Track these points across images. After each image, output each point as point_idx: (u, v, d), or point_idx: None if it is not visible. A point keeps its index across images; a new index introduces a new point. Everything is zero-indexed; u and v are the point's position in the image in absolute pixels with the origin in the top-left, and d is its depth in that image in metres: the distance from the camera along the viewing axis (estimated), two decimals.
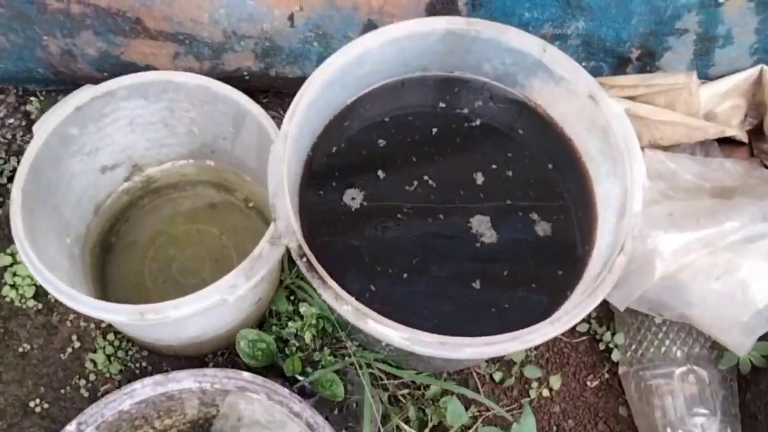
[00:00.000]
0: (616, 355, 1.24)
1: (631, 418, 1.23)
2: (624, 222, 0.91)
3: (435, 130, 1.04)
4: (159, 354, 1.22)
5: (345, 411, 1.15)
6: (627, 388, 1.23)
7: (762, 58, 1.21)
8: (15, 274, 1.21)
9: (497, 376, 1.23)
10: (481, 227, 0.99)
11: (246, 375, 1.02)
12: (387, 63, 1.01)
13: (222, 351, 1.22)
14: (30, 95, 1.38)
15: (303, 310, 1.17)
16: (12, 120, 1.39)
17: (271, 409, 1.01)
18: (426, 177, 1.01)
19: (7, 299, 1.21)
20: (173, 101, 1.10)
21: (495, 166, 1.03)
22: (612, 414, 1.25)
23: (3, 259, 1.22)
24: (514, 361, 1.25)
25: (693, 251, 1.08)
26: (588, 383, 1.25)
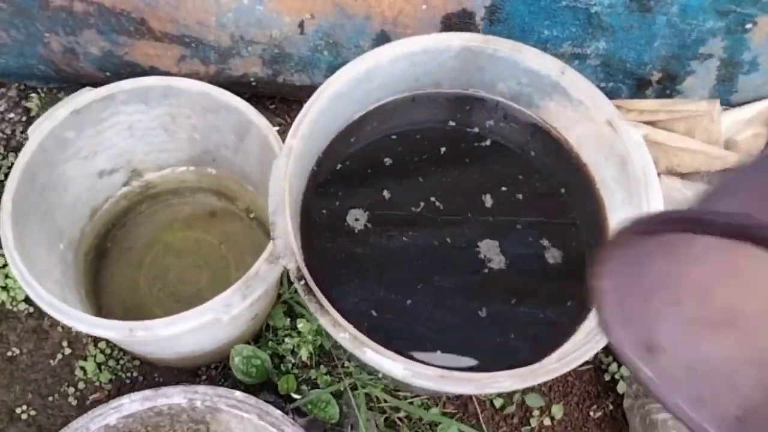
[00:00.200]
0: (621, 387, 1.19)
1: None
2: None
3: (444, 149, 0.98)
4: (151, 365, 1.17)
5: None
6: (631, 421, 1.17)
7: None
8: (7, 276, 1.17)
9: (498, 402, 1.18)
10: (490, 252, 0.94)
11: (237, 394, 0.97)
12: (398, 78, 0.96)
13: (216, 364, 1.18)
14: (31, 91, 1.33)
15: (301, 326, 1.13)
16: (12, 115, 1.35)
17: (263, 430, 0.97)
18: (433, 198, 0.95)
19: None
20: (174, 107, 1.05)
21: (505, 188, 0.98)
22: None
23: None
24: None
25: None
26: (591, 414, 1.20)
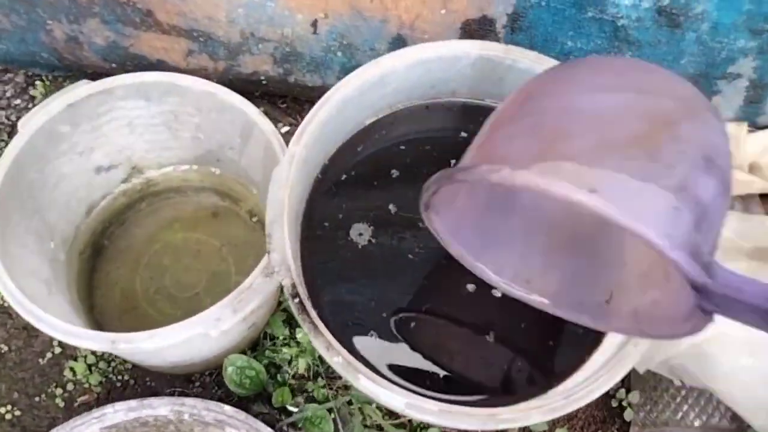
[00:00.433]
0: (628, 415, 1.12)
1: None
2: None
3: (454, 161, 0.91)
4: (144, 369, 1.11)
5: None
6: None
7: None
8: None
9: None
10: None
11: (227, 409, 0.91)
12: (413, 84, 0.90)
13: (211, 371, 1.11)
14: (36, 78, 1.27)
15: (300, 336, 1.07)
16: (18, 101, 1.29)
17: None
18: None
19: None
20: (177, 105, 0.99)
21: None
22: None
23: None
24: None
25: (727, 322, 0.95)
26: None
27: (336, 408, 1.05)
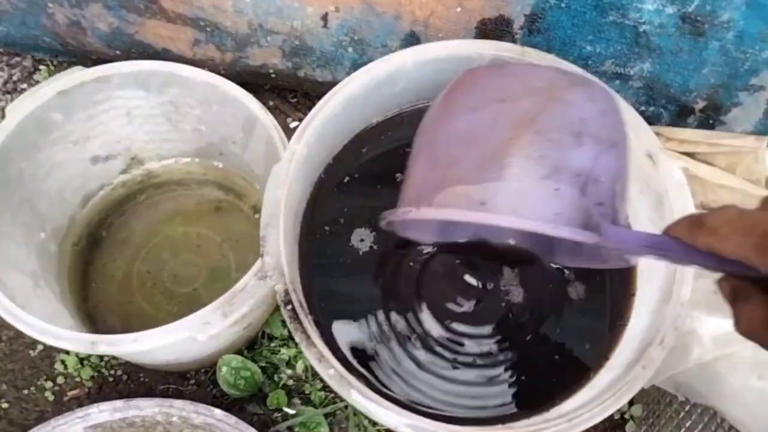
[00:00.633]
0: (630, 428, 1.09)
1: None
2: (668, 309, 0.73)
3: None
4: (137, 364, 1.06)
5: None
6: None
7: None
8: None
9: None
10: (508, 284, 0.82)
11: (217, 413, 0.87)
12: (423, 84, 0.84)
13: (206, 369, 1.06)
14: (40, 63, 1.23)
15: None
16: (25, 85, 1.26)
17: None
18: None
19: None
20: (177, 96, 0.94)
21: None
22: None
23: None
24: None
25: (737, 341, 0.90)
26: None
27: (332, 413, 1.00)
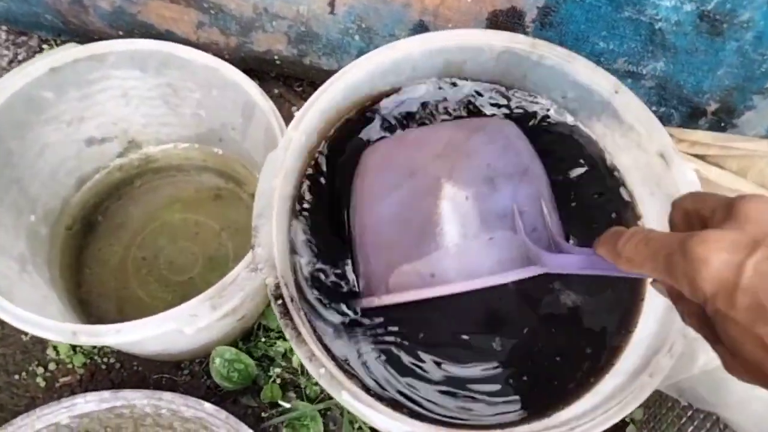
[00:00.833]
0: (631, 431, 1.06)
1: None
2: (676, 315, 0.69)
3: None
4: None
5: None
6: None
7: None
8: None
9: None
10: (511, 287, 0.77)
11: (207, 407, 0.83)
12: (428, 74, 0.80)
13: (201, 359, 1.02)
14: (44, 42, 1.19)
15: None
16: None
17: None
18: None
19: None
20: (176, 78, 0.89)
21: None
22: None
23: None
24: None
25: None
26: None
27: (327, 409, 0.96)
